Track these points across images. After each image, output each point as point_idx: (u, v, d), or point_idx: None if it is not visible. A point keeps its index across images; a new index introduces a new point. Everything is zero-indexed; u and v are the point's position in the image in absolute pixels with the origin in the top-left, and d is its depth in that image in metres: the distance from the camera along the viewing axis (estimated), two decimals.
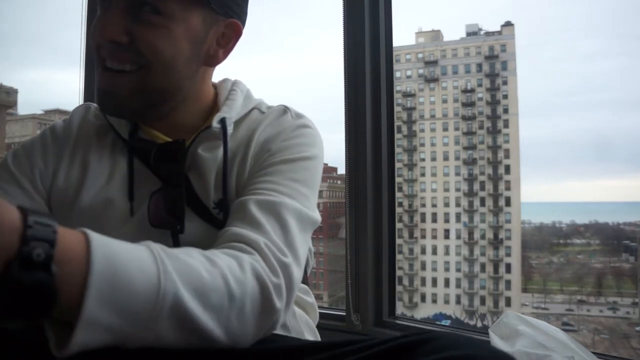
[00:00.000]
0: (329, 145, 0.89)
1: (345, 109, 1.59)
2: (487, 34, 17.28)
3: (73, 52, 2.02)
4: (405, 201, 15.92)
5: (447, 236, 16.03)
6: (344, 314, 1.57)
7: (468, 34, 17.48)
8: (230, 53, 0.80)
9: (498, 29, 17.10)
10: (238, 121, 0.79)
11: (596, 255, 15.89)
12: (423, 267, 15.77)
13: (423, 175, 16.48)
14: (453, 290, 15.53)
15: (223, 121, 0.75)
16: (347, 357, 0.49)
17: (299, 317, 0.79)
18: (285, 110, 0.82)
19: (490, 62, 16.80)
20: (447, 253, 15.79)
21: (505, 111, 16.51)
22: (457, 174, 16.53)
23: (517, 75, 16.79)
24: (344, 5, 1.59)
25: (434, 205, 16.23)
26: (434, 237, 16.01)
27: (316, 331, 0.86)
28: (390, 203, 1.58)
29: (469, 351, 0.45)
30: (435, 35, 18.00)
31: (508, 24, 17.13)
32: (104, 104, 0.74)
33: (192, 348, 0.54)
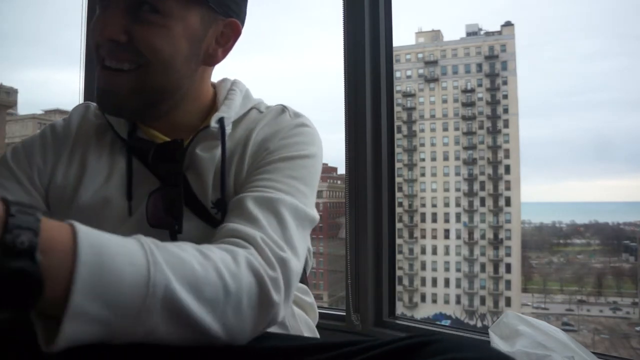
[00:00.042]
0: (329, 145, 0.89)
1: (345, 109, 1.58)
2: (487, 34, 17.28)
3: (73, 52, 2.02)
4: (405, 201, 15.92)
5: (447, 236, 16.03)
6: (344, 314, 1.56)
7: (468, 34, 17.48)
8: (229, 52, 0.79)
9: (498, 29, 17.11)
10: (237, 121, 0.79)
11: (596, 255, 15.89)
12: (423, 267, 15.77)
13: (423, 175, 16.48)
14: (453, 290, 15.53)
15: (221, 121, 0.75)
16: (348, 359, 0.49)
17: (298, 317, 0.79)
18: (284, 109, 0.82)
19: (490, 62, 16.80)
20: (447, 253, 15.79)
21: (505, 111, 16.51)
22: (457, 174, 16.53)
23: (517, 75, 16.79)
24: (344, 5, 1.59)
25: (434, 205, 16.23)
26: (434, 237, 16.00)
27: (316, 331, 0.86)
28: (390, 203, 1.58)
29: (471, 354, 0.44)
30: (435, 35, 18.00)
31: (508, 24, 17.14)
32: (103, 103, 0.74)
33: (190, 345, 0.53)
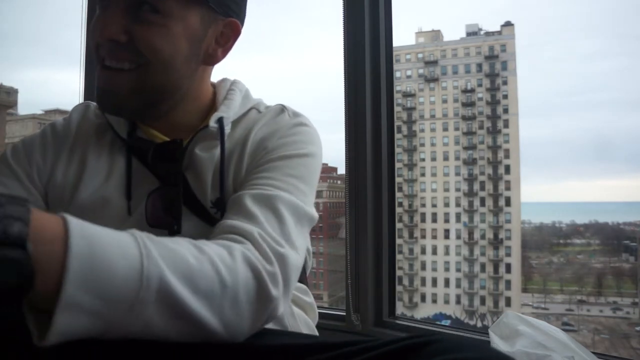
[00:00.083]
0: (328, 145, 0.89)
1: (345, 109, 1.58)
2: (487, 34, 17.28)
3: (73, 52, 2.02)
4: (405, 201, 15.92)
5: (447, 236, 16.03)
6: (344, 314, 1.56)
7: (468, 34, 17.48)
8: (229, 52, 0.79)
9: (498, 29, 17.11)
10: (236, 121, 0.79)
11: (596, 255, 15.89)
12: (423, 267, 15.77)
13: (423, 175, 16.48)
14: (453, 290, 15.53)
15: (220, 121, 0.75)
16: (348, 359, 0.49)
17: (298, 317, 0.79)
18: (283, 109, 0.81)
19: (490, 62, 16.79)
20: (447, 253, 15.79)
21: (505, 111, 16.51)
22: (457, 174, 16.53)
23: (517, 75, 16.79)
24: (344, 5, 1.59)
25: (434, 205, 16.23)
26: (434, 237, 16.00)
27: (315, 331, 0.85)
28: (390, 203, 1.58)
29: (471, 354, 0.44)
30: (435, 35, 18.00)
31: (508, 24, 17.14)
32: (103, 103, 0.74)
33: (189, 341, 0.53)
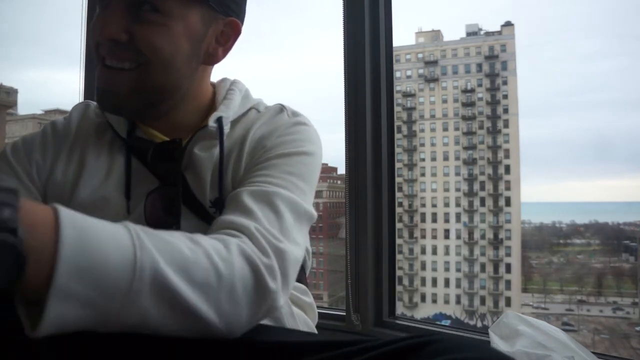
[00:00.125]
0: (328, 145, 0.89)
1: (345, 109, 1.58)
2: (487, 34, 17.28)
3: (73, 52, 2.02)
4: (405, 201, 15.92)
5: (447, 236, 16.03)
6: (344, 314, 1.56)
7: (468, 34, 17.48)
8: (229, 52, 0.79)
9: (498, 29, 17.11)
10: (235, 121, 0.79)
11: (596, 255, 15.89)
12: (423, 267, 15.77)
13: (423, 175, 16.48)
14: (453, 290, 15.53)
15: (220, 120, 0.75)
16: (348, 358, 0.49)
17: (298, 317, 0.79)
18: (282, 109, 0.81)
19: (490, 62, 16.79)
20: (447, 253, 15.78)
21: (505, 111, 16.51)
22: (457, 174, 16.52)
23: (517, 75, 16.79)
24: (344, 5, 1.59)
25: (434, 205, 16.23)
26: (434, 237, 16.00)
27: (315, 331, 0.85)
28: (390, 203, 1.57)
29: (471, 354, 0.44)
30: (435, 35, 18.00)
31: (508, 24, 17.14)
32: (103, 102, 0.74)
33: (187, 334, 0.52)
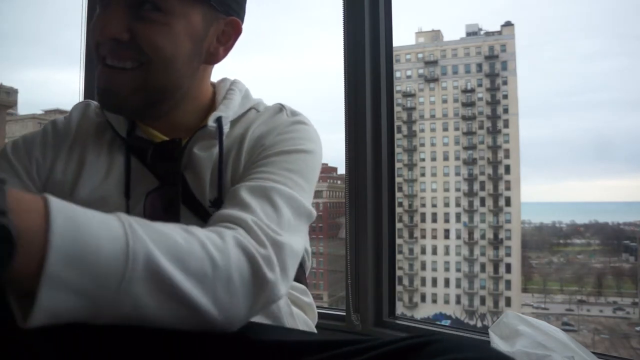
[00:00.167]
0: (328, 145, 0.89)
1: (345, 109, 1.58)
2: (487, 34, 17.28)
3: (73, 52, 2.02)
4: (405, 201, 15.92)
5: (447, 236, 16.03)
6: (344, 314, 1.56)
7: (468, 34, 17.47)
8: (230, 51, 0.79)
9: (498, 29, 17.11)
10: (235, 121, 0.79)
11: (596, 255, 15.89)
12: (423, 267, 15.77)
13: (423, 175, 16.48)
14: (453, 290, 15.52)
15: (219, 120, 0.75)
16: (348, 358, 0.48)
17: (297, 317, 0.79)
18: (281, 108, 0.81)
19: (490, 62, 16.79)
20: (447, 253, 15.78)
21: (505, 111, 16.50)
22: (457, 174, 16.52)
23: (517, 75, 16.79)
24: (344, 5, 1.59)
25: (434, 205, 16.22)
26: (434, 237, 16.00)
27: (315, 331, 0.85)
28: (390, 203, 1.57)
29: (471, 354, 0.44)
30: (435, 35, 18.00)
31: (508, 24, 17.14)
32: (105, 102, 0.73)
33: (184, 325, 0.52)
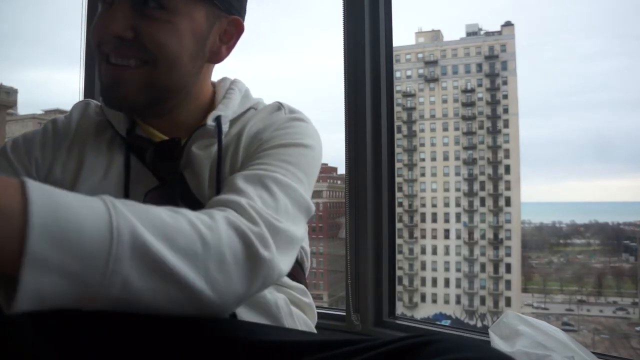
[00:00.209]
0: (329, 145, 0.89)
1: (345, 109, 1.58)
2: (487, 34, 17.29)
3: (73, 52, 2.01)
4: (405, 201, 15.93)
5: (447, 236, 16.04)
6: (344, 314, 1.56)
7: (468, 34, 17.48)
8: (232, 50, 0.79)
9: (498, 29, 17.12)
10: (234, 120, 0.79)
11: (596, 255, 15.90)
12: (423, 267, 15.78)
13: (423, 175, 16.49)
14: (453, 290, 15.53)
15: (218, 119, 0.75)
16: (348, 358, 0.48)
17: (297, 317, 0.78)
18: (279, 107, 0.81)
19: (490, 62, 16.80)
20: (447, 253, 15.79)
21: (505, 111, 16.51)
22: (457, 174, 16.53)
23: (517, 75, 16.80)
24: (344, 5, 1.58)
25: (434, 205, 16.23)
26: (434, 237, 16.01)
27: (315, 331, 0.85)
28: (390, 203, 1.57)
29: (471, 354, 0.43)
30: (435, 35, 18.01)
31: (508, 24, 17.15)
32: (109, 98, 0.73)
33: (178, 307, 0.51)
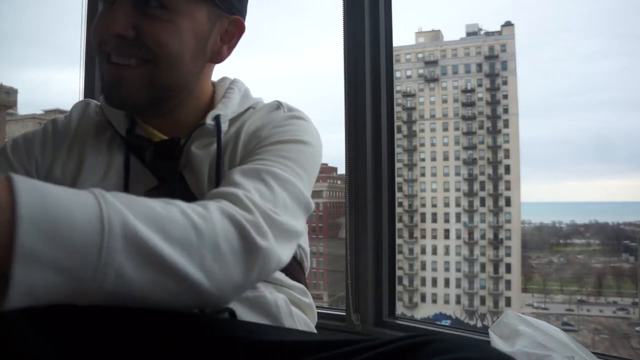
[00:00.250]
0: (329, 145, 0.89)
1: (345, 109, 1.58)
2: (487, 34, 17.28)
3: (73, 52, 2.01)
4: (405, 201, 15.93)
5: (447, 236, 16.04)
6: (344, 314, 1.56)
7: (468, 34, 17.48)
8: (233, 50, 0.80)
9: (498, 29, 17.12)
10: (233, 119, 0.79)
11: (596, 255, 15.90)
12: (423, 267, 15.78)
13: (423, 175, 16.49)
14: (453, 290, 15.53)
15: (217, 118, 0.75)
16: (348, 358, 0.48)
17: (297, 317, 0.78)
18: (278, 105, 0.81)
19: (490, 62, 16.80)
20: (447, 253, 15.79)
21: (505, 111, 16.51)
22: (457, 174, 16.53)
23: (517, 75, 16.80)
24: (344, 5, 1.58)
25: (434, 205, 16.23)
26: (434, 237, 16.01)
27: (315, 331, 0.85)
28: (390, 203, 1.57)
29: (471, 354, 0.43)
30: (435, 35, 18.01)
31: (508, 24, 17.15)
32: (111, 97, 0.73)
33: (175, 300, 0.50)
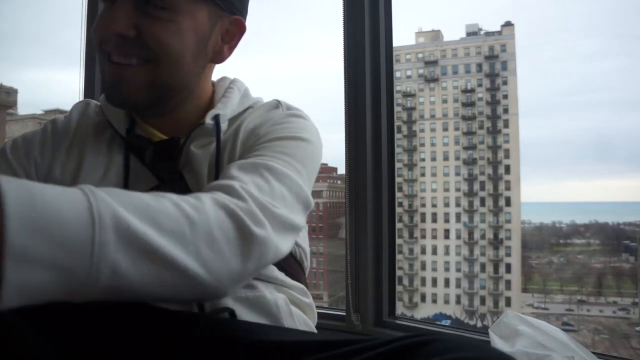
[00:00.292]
0: (329, 145, 0.89)
1: (345, 109, 1.58)
2: (487, 34, 17.29)
3: (73, 52, 2.01)
4: (405, 201, 15.93)
5: (447, 236, 16.04)
6: (344, 314, 1.56)
7: (468, 34, 17.49)
8: (234, 50, 0.80)
9: (498, 29, 17.13)
10: (233, 119, 0.79)
11: (596, 255, 15.91)
12: (423, 267, 15.79)
13: (423, 175, 16.50)
14: (453, 290, 15.54)
15: (217, 118, 0.75)
16: (348, 358, 0.48)
17: (297, 317, 0.78)
18: (277, 104, 0.81)
19: (490, 62, 16.80)
20: (447, 253, 15.80)
21: (505, 111, 16.52)
22: (457, 174, 16.54)
23: (517, 75, 16.81)
24: (344, 5, 1.58)
25: (434, 205, 16.24)
26: (434, 237, 16.01)
27: (315, 331, 0.85)
28: (390, 203, 1.57)
29: (471, 354, 0.43)
30: (435, 35, 18.01)
31: (508, 24, 17.16)
32: (112, 96, 0.73)
33: (172, 292, 0.50)
